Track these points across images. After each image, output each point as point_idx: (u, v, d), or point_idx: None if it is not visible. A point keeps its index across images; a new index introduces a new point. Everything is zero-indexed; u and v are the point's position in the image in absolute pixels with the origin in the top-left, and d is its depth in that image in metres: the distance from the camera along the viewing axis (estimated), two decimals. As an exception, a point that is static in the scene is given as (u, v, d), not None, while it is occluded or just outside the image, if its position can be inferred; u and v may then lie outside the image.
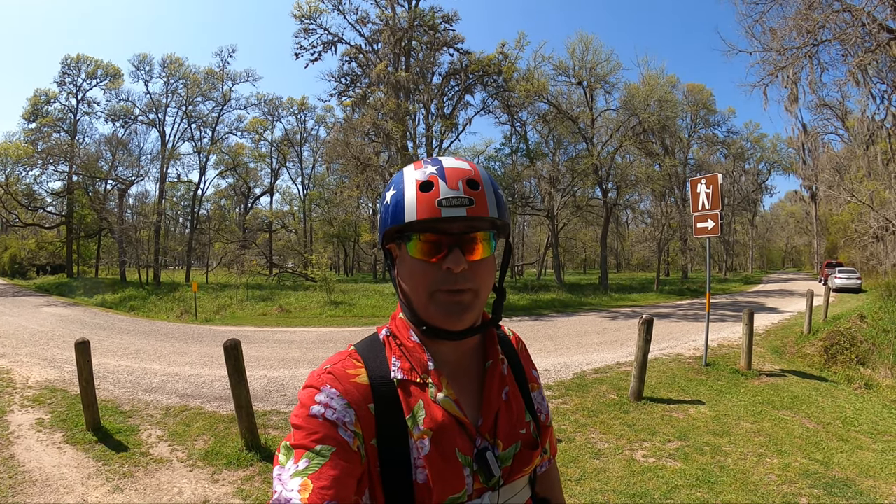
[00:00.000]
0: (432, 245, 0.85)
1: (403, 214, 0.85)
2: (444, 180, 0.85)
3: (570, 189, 29.85)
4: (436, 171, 0.87)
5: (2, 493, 4.16)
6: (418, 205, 0.84)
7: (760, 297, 25.09)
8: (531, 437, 0.98)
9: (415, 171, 0.88)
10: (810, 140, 38.50)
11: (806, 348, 10.17)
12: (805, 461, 4.63)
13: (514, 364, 1.07)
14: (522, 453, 0.94)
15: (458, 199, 0.84)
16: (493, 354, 0.99)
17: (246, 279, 27.35)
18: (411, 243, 0.87)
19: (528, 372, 1.11)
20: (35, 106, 36.55)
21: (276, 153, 47.49)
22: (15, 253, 42.52)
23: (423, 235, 0.86)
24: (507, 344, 1.11)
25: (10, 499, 4.08)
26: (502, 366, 1.01)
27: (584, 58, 28.33)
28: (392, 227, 0.88)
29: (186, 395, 7.13)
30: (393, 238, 0.92)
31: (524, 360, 1.12)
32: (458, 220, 0.85)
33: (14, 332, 12.99)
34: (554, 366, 8.68)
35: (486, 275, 0.89)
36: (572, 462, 4.65)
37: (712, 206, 8.58)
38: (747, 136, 53.17)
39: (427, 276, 0.86)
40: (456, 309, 0.86)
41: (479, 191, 0.86)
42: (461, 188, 0.85)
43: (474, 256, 0.86)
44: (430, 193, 0.84)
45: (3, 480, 4.40)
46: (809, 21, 14.64)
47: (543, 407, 1.10)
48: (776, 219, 74.98)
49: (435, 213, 0.83)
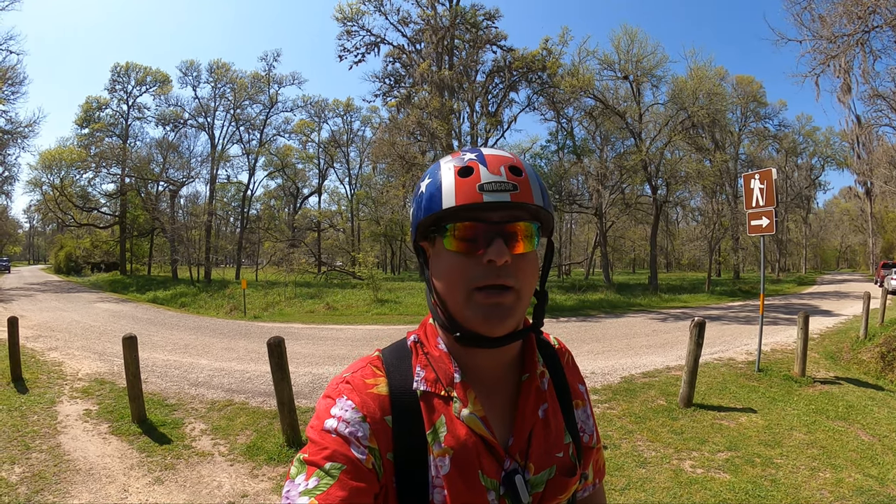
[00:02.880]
0: (471, 235, 0.77)
1: (440, 202, 0.78)
2: (485, 165, 0.78)
3: (618, 186, 29.34)
4: (475, 157, 0.80)
5: (46, 481, 4.26)
6: (457, 190, 0.77)
7: (814, 298, 24.12)
8: (569, 461, 0.89)
9: (452, 159, 0.82)
10: (864, 133, 36.74)
11: (862, 354, 9.75)
12: (859, 476, 4.40)
13: (556, 377, 0.96)
14: (557, 479, 0.85)
15: (501, 184, 0.76)
16: (531, 367, 0.90)
17: (294, 277, 27.86)
18: (447, 235, 0.78)
19: (574, 386, 1.00)
20: (87, 112, 38.49)
21: (324, 154, 48.56)
22: (70, 251, 44.62)
23: (462, 225, 0.77)
24: (551, 354, 1.00)
25: (53, 486, 4.18)
26: (541, 380, 0.91)
27: (630, 51, 27.60)
28: (427, 216, 0.80)
29: (231, 390, 7.23)
30: (427, 233, 0.84)
31: (569, 371, 1.01)
32: (501, 208, 0.77)
33: (67, 326, 13.49)
34: (601, 369, 8.52)
35: (530, 273, 0.81)
36: (617, 470, 4.53)
37: (766, 203, 8.29)
38: (799, 130, 51.22)
39: (465, 272, 0.77)
40: (496, 312, 0.77)
41: (523, 177, 0.79)
42: (503, 173, 0.77)
43: (517, 250, 0.78)
44: (469, 178, 0.77)
45: (48, 468, 4.51)
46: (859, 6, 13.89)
47: (588, 427, 1.00)
48: (830, 216, 72.27)
49: (476, 198, 0.76)
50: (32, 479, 4.27)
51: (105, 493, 4.11)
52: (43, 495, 4.02)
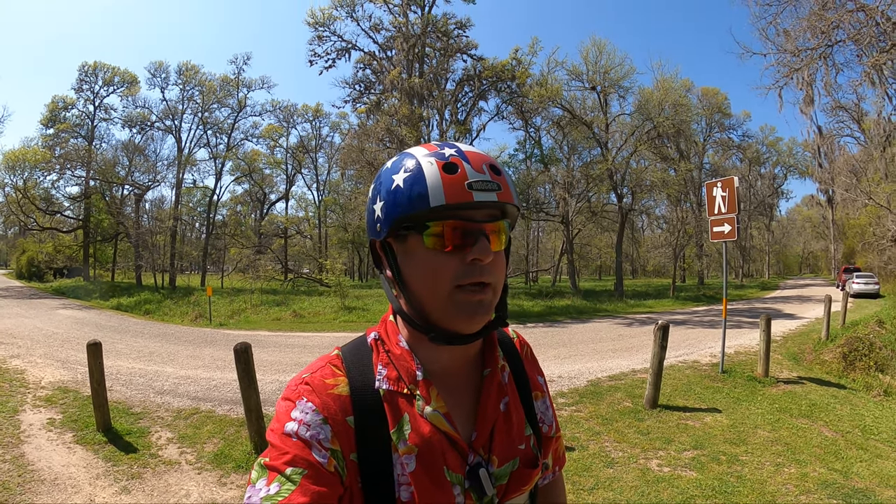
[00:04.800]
0: (458, 234, 0.77)
1: (427, 199, 0.75)
2: (469, 163, 0.78)
3: (584, 194, 29.69)
4: (456, 154, 0.79)
5: (10, 492, 4.17)
6: (445, 188, 0.75)
7: (777, 303, 24.71)
8: (531, 452, 0.91)
9: (430, 153, 0.80)
10: (826, 143, 38.14)
11: (824, 355, 10.01)
12: (824, 471, 4.55)
13: (516, 370, 0.98)
14: (520, 471, 0.87)
15: (487, 184, 0.77)
16: (492, 362, 0.91)
17: (261, 284, 27.51)
18: (429, 234, 0.77)
19: (533, 378, 1.01)
20: (53, 112, 37.11)
21: (292, 159, 47.84)
22: (32, 256, 43.11)
23: (448, 223, 0.77)
24: (510, 347, 1.01)
25: (17, 497, 4.09)
26: (502, 374, 0.92)
27: (598, 62, 28.22)
28: (413, 213, 0.77)
29: (198, 398, 7.15)
30: (398, 229, 0.81)
31: (528, 364, 1.02)
32: (485, 207, 0.78)
33: (29, 333, 13.15)
34: (568, 373, 8.60)
35: (503, 268, 0.83)
36: (585, 471, 4.57)
37: (728, 210, 8.44)
38: (763, 140, 52.70)
39: (448, 271, 0.77)
40: (480, 309, 0.78)
41: (502, 177, 0.80)
42: (487, 172, 0.78)
43: (494, 248, 0.79)
44: (456, 176, 0.76)
45: (12, 479, 4.42)
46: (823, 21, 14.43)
47: (547, 417, 1.01)
48: (793, 224, 74.12)
49: (465, 196, 0.75)
50: (-3, 490, 4.19)
51: (71, 502, 4.06)
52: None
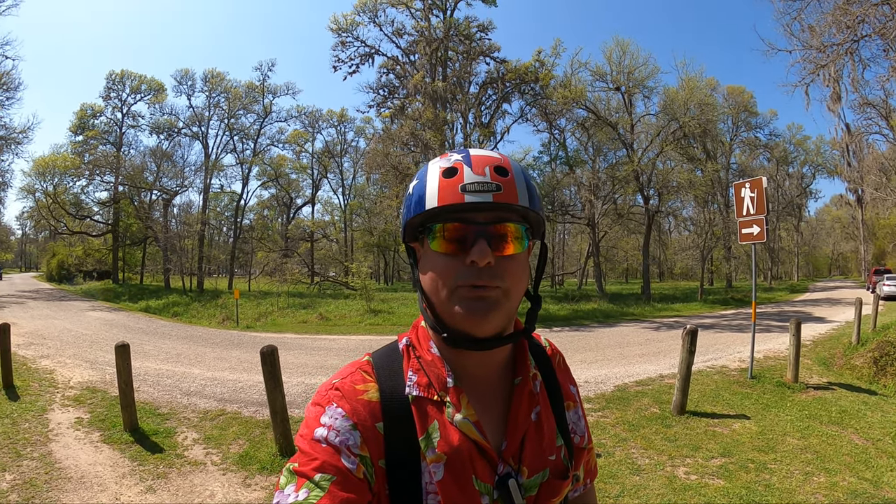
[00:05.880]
0: (456, 236, 0.77)
1: (424, 203, 0.78)
2: (470, 166, 0.78)
3: (610, 196, 29.46)
4: (461, 158, 0.80)
5: (37, 489, 4.23)
6: (440, 191, 0.77)
7: (807, 306, 24.29)
8: (561, 464, 0.89)
9: (440, 160, 0.82)
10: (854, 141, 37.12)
11: (854, 360, 9.78)
12: (853, 480, 4.42)
13: (548, 379, 0.96)
14: (550, 483, 0.85)
15: (483, 185, 0.76)
16: (524, 370, 0.89)
17: (287, 287, 27.79)
18: (434, 236, 0.79)
19: (565, 388, 1.00)
20: (81, 120, 38.26)
21: (317, 164, 48.61)
22: (62, 259, 44.27)
23: (447, 226, 0.78)
24: (542, 356, 1.00)
25: (44, 493, 4.15)
26: (533, 382, 0.90)
27: (622, 62, 27.95)
28: (413, 217, 0.80)
29: (224, 400, 7.22)
30: (416, 234, 0.84)
31: (561, 373, 1.01)
32: (486, 209, 0.77)
33: (59, 334, 13.43)
34: (595, 378, 8.52)
35: (518, 274, 0.80)
36: (611, 478, 4.52)
37: (757, 211, 8.35)
38: (790, 139, 51.56)
39: (448, 272, 0.77)
40: (479, 306, 0.76)
41: (508, 178, 0.78)
42: (487, 174, 0.77)
43: (503, 252, 0.78)
44: (453, 179, 0.77)
45: (39, 476, 4.49)
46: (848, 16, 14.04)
47: (579, 428, 0.99)
48: (822, 224, 72.76)
49: (458, 198, 0.76)
50: (23, 487, 4.25)
51: (96, 501, 4.10)
52: (34, 503, 4.01)
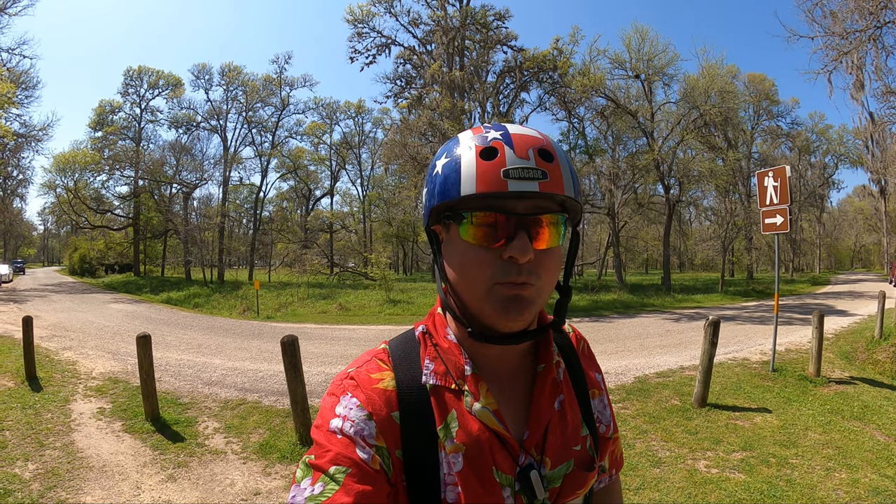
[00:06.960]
0: (492, 227, 0.70)
1: (458, 187, 0.70)
2: (512, 147, 0.70)
3: (630, 186, 29.19)
4: (500, 137, 0.72)
5: (59, 477, 4.28)
6: (478, 175, 0.69)
7: (829, 298, 23.80)
8: (587, 454, 0.84)
9: (473, 137, 0.74)
10: (878, 130, 36.07)
11: (877, 354, 9.54)
12: (875, 477, 4.36)
13: (572, 366, 0.91)
14: (574, 474, 0.80)
15: (529, 171, 0.69)
16: (547, 357, 0.84)
17: (307, 278, 27.97)
18: (464, 224, 0.72)
19: (590, 375, 0.95)
20: (100, 115, 38.89)
21: (336, 156, 48.92)
22: (84, 253, 45.15)
23: (481, 214, 0.71)
24: (566, 342, 0.94)
25: (66, 483, 4.20)
26: (557, 370, 0.85)
27: (641, 50, 27.46)
28: (442, 202, 0.73)
29: (245, 389, 7.26)
30: (440, 217, 0.77)
31: (585, 361, 0.96)
32: (527, 198, 0.70)
33: (81, 326, 13.62)
34: (615, 369, 8.46)
35: (553, 268, 0.74)
36: (632, 470, 4.52)
37: (781, 201, 8.17)
38: (812, 128, 50.36)
39: (484, 267, 0.71)
40: (515, 304, 0.71)
41: (554, 163, 0.71)
42: (532, 158, 0.70)
43: (540, 245, 0.72)
44: (493, 162, 0.69)
45: (62, 465, 4.53)
46: (871, 1, 13.64)
47: (604, 417, 0.94)
48: (844, 215, 71.30)
49: (499, 185, 0.68)
50: (46, 476, 4.29)
51: (118, 490, 4.12)
52: (56, 492, 4.04)
